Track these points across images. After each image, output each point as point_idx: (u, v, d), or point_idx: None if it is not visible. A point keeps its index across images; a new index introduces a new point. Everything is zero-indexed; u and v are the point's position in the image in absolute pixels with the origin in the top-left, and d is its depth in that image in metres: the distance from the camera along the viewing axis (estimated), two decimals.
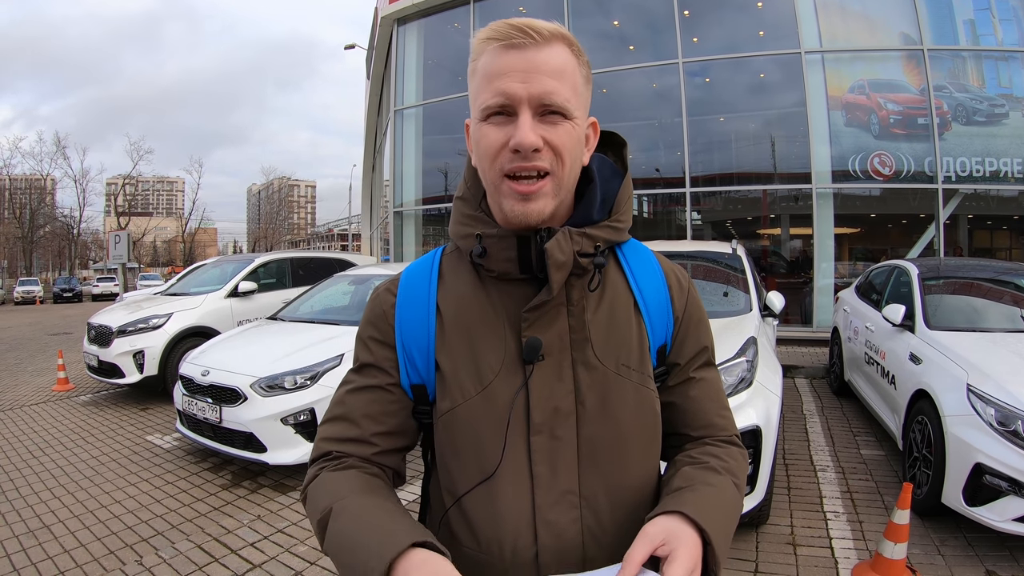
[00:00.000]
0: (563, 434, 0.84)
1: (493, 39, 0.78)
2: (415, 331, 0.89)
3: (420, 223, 14.79)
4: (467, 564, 0.83)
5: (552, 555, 0.83)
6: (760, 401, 3.19)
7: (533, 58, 0.77)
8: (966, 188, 9.65)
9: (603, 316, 0.88)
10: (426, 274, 0.93)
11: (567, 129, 0.79)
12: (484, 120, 0.80)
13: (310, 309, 5.81)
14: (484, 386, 0.84)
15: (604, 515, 0.85)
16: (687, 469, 0.86)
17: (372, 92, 19.35)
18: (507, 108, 0.78)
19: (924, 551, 3.03)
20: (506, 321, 0.86)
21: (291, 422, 4.12)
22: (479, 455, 0.85)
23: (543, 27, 0.77)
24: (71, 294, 32.00)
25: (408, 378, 0.90)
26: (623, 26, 12.25)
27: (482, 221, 0.87)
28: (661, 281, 0.93)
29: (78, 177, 49.25)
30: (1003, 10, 9.81)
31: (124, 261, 12.74)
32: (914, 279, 4.58)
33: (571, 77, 0.79)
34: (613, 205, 0.90)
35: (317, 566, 3.04)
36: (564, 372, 0.85)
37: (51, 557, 3.14)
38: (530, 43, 0.77)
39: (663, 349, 0.93)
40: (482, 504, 0.85)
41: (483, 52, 0.80)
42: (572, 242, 0.83)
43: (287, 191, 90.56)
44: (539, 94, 0.76)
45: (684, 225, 10.90)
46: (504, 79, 0.77)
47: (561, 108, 0.78)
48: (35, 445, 5.05)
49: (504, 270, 0.86)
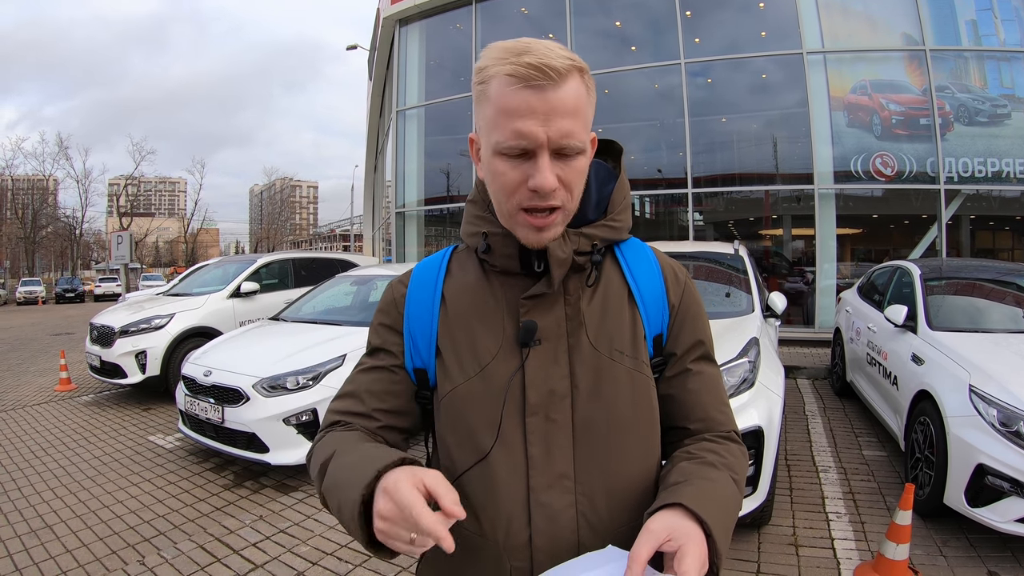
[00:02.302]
0: (558, 416, 0.87)
1: (514, 75, 0.77)
2: (420, 317, 0.95)
3: (422, 224, 14.79)
4: (462, 545, 0.86)
5: (546, 539, 0.85)
6: (762, 402, 3.19)
7: (551, 99, 0.78)
8: (968, 189, 9.64)
9: (597, 305, 0.92)
10: (435, 268, 0.99)
11: (579, 165, 0.83)
12: (501, 157, 0.82)
13: (312, 310, 5.82)
14: (482, 367, 0.89)
15: (599, 502, 0.87)
16: (684, 464, 0.87)
17: (374, 93, 19.39)
18: (527, 151, 0.80)
19: (926, 552, 3.03)
20: (506, 308, 0.91)
21: (293, 422, 4.13)
22: (475, 435, 0.88)
23: (560, 65, 0.77)
24: (73, 294, 32.06)
25: (412, 362, 0.96)
26: (625, 26, 12.25)
27: (488, 221, 0.92)
28: (657, 273, 0.97)
29: (80, 178, 49.44)
30: (1005, 10, 9.80)
31: (126, 262, 12.76)
32: (916, 280, 4.58)
33: (584, 112, 0.82)
34: (608, 205, 0.95)
35: (319, 566, 3.04)
36: (560, 356, 0.88)
37: (53, 557, 3.15)
38: (548, 84, 0.77)
39: (659, 338, 0.95)
40: (478, 485, 0.88)
41: (495, 78, 0.80)
42: (570, 242, 0.88)
43: (289, 192, 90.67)
44: (558, 137, 0.79)
45: (686, 226, 10.90)
46: (523, 121, 0.78)
47: (578, 148, 0.81)
48: (37, 445, 5.06)
49: (506, 266, 0.91)
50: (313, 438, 4.22)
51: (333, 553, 3.18)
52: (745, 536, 3.23)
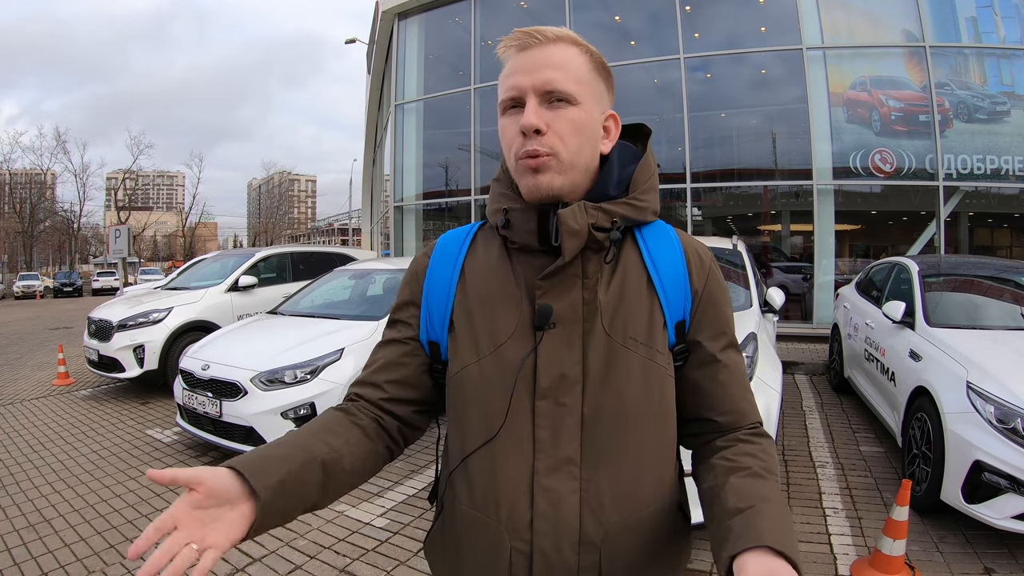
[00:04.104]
0: (568, 401, 0.86)
1: (510, 45, 0.87)
2: (438, 291, 0.97)
3: (420, 218, 14.77)
4: (464, 522, 0.90)
5: (548, 523, 0.85)
6: (760, 397, 3.17)
7: (538, 55, 0.86)
8: (967, 186, 9.64)
9: (615, 291, 0.91)
10: (460, 241, 1.01)
11: (571, 113, 0.86)
12: (503, 114, 0.89)
13: (310, 303, 5.81)
14: (496, 347, 0.89)
15: (604, 490, 0.87)
16: (735, 480, 0.84)
17: (373, 87, 19.33)
18: (518, 100, 0.87)
19: (923, 548, 3.04)
20: (524, 290, 0.91)
21: (291, 416, 4.12)
22: (485, 415, 0.89)
23: (550, 30, 0.87)
24: (71, 288, 32.00)
25: (427, 334, 0.97)
26: (624, 21, 12.22)
27: (510, 198, 0.93)
28: (680, 257, 0.95)
29: (78, 172, 49.33)
30: (1005, 7, 9.77)
31: (124, 255, 12.78)
32: (914, 276, 4.58)
33: (575, 69, 0.87)
34: (630, 184, 0.94)
35: (317, 560, 3.05)
36: (574, 341, 0.88)
37: (51, 551, 3.14)
38: (536, 44, 0.86)
39: (681, 325, 0.94)
40: (484, 464, 0.89)
41: (504, 57, 0.89)
42: (587, 215, 0.87)
43: (287, 186, 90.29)
44: (541, 83, 0.84)
45: (685, 221, 10.89)
46: (514, 76, 0.86)
47: (563, 94, 0.85)
48: (35, 439, 5.06)
49: (525, 241, 0.91)
50: None
51: (331, 547, 3.18)
52: None
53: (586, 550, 0.86)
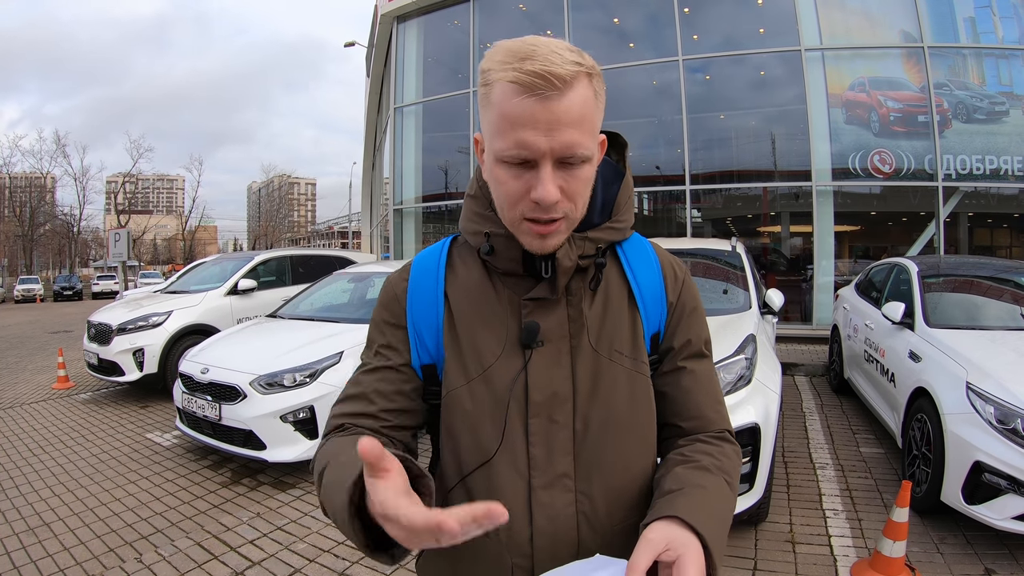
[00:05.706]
0: (560, 418, 0.87)
1: (518, 82, 0.74)
2: (426, 313, 0.93)
3: (420, 220, 14.77)
4: (465, 544, 0.86)
5: (547, 539, 0.86)
6: (759, 399, 3.19)
7: (555, 109, 0.74)
8: (966, 186, 9.65)
9: (599, 306, 0.91)
10: (435, 260, 0.97)
11: (585, 172, 0.80)
12: (502, 164, 0.79)
13: (310, 307, 5.81)
14: (484, 369, 0.88)
15: (599, 501, 0.87)
16: (679, 470, 0.86)
17: (372, 90, 19.36)
18: (528, 161, 0.77)
19: (923, 549, 3.03)
20: (509, 309, 0.90)
21: (290, 419, 4.12)
22: (480, 437, 0.88)
23: (565, 72, 0.73)
24: (71, 292, 31.99)
25: (419, 358, 0.94)
26: (623, 23, 12.24)
27: (491, 220, 0.90)
28: (656, 271, 0.96)
29: (78, 175, 49.35)
30: (1004, 8, 9.79)
31: (124, 259, 12.76)
32: (914, 277, 4.58)
33: (591, 119, 0.79)
34: (613, 208, 0.94)
35: (316, 563, 3.04)
36: (562, 358, 0.88)
37: (51, 555, 3.14)
38: (553, 93, 0.73)
39: (656, 336, 0.95)
40: (481, 484, 0.88)
41: (498, 84, 0.76)
42: (575, 247, 0.87)
43: (287, 189, 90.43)
44: (561, 148, 0.76)
45: (684, 223, 10.90)
46: (525, 131, 0.75)
47: (583, 157, 0.78)
48: (35, 443, 5.06)
49: (510, 269, 0.90)
50: (310, 435, 4.18)
51: (330, 550, 3.18)
52: (742, 533, 3.23)
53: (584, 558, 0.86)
